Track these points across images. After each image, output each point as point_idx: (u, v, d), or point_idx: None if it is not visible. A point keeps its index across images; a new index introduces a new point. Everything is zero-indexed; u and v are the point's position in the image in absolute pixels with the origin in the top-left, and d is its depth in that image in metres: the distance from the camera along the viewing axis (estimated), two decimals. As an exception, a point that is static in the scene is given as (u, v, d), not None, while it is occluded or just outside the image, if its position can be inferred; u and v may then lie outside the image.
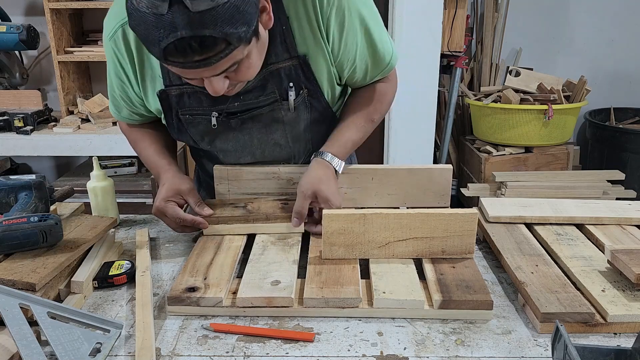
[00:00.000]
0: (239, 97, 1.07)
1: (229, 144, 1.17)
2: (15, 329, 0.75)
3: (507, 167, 3.03)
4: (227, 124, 1.13)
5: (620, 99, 3.47)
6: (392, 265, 0.96)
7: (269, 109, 1.11)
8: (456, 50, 2.95)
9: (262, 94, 1.08)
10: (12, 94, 2.70)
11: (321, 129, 1.21)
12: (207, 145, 1.18)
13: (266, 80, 1.07)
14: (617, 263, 0.90)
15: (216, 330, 0.83)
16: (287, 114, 1.12)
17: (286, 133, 1.17)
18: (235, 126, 1.14)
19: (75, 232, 1.04)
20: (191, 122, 1.13)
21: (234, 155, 1.20)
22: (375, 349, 0.79)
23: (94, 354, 0.76)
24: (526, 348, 0.79)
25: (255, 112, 1.11)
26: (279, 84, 1.08)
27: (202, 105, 1.10)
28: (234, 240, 1.07)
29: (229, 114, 1.11)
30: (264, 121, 1.14)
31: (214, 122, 1.10)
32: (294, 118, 1.14)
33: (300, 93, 1.10)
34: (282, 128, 1.15)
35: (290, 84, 1.08)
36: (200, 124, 1.13)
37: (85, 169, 2.82)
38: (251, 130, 1.15)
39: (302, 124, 1.16)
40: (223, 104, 1.08)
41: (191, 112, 1.11)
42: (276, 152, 1.20)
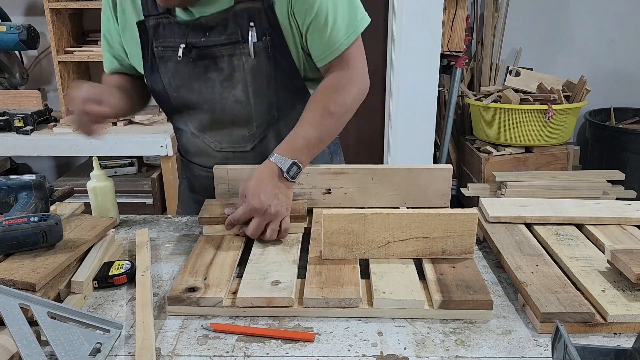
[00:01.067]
0: (205, 33, 1.11)
1: (192, 94, 1.18)
2: (15, 329, 0.75)
3: (507, 167, 3.03)
4: (191, 65, 1.14)
5: (620, 99, 3.47)
6: (392, 265, 0.96)
7: (230, 51, 1.11)
8: (456, 50, 2.95)
9: (224, 32, 1.10)
10: (12, 94, 2.70)
11: (289, 101, 1.19)
12: (174, 93, 1.19)
13: (229, 19, 1.09)
14: (617, 263, 0.90)
15: (216, 330, 0.83)
16: (248, 60, 1.11)
17: (247, 86, 1.15)
18: (202, 71, 1.15)
19: (75, 232, 1.04)
20: (162, 57, 1.16)
21: (197, 113, 1.21)
22: (375, 349, 0.79)
23: (94, 354, 0.76)
24: (526, 348, 0.79)
25: (217, 53, 1.12)
26: (241, 25, 1.09)
27: (173, 36, 1.13)
28: (234, 240, 1.07)
29: (193, 48, 1.12)
30: (226, 70, 1.14)
31: (179, 53, 1.12)
32: (255, 66, 1.12)
33: (262, 39, 1.09)
34: (243, 80, 1.14)
35: (251, 23, 1.08)
36: (169, 60, 1.15)
37: (85, 169, 2.82)
38: (214, 82, 1.16)
39: (264, 77, 1.14)
40: (191, 37, 1.12)
41: (164, 44, 1.14)
42: (236, 109, 1.18)
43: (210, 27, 1.10)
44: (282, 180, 1.07)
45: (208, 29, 1.10)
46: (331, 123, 1.14)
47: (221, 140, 1.25)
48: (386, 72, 2.98)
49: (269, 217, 1.03)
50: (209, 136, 1.25)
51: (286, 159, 1.07)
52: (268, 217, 1.03)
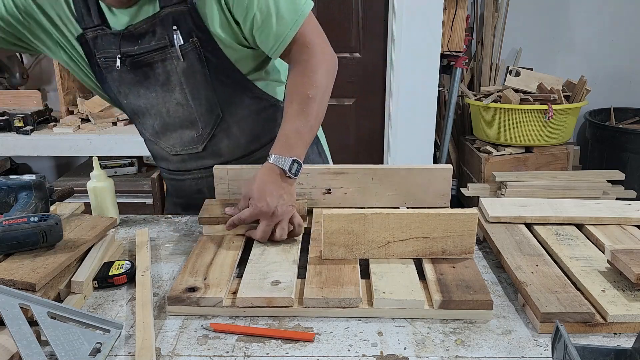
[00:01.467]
0: (137, 41, 1.12)
1: (140, 100, 1.20)
2: (15, 329, 0.75)
3: (507, 167, 3.03)
4: (131, 73, 1.16)
5: (620, 99, 3.47)
6: (392, 265, 0.96)
7: (161, 56, 1.12)
8: (456, 50, 2.95)
9: (153, 38, 1.11)
10: (12, 94, 2.70)
11: (231, 97, 1.19)
12: (124, 100, 1.21)
13: (157, 25, 1.10)
14: (617, 263, 0.90)
15: (216, 330, 0.83)
16: (179, 63, 1.12)
17: (183, 88, 1.16)
18: (142, 78, 1.16)
19: (75, 232, 1.04)
20: (106, 67, 1.17)
21: (147, 119, 1.24)
22: (375, 349, 0.79)
23: (94, 354, 0.76)
24: (526, 348, 0.79)
25: (150, 60, 1.13)
26: (167, 29, 1.10)
27: (111, 47, 1.14)
28: (234, 240, 1.07)
29: (129, 57, 1.13)
30: (162, 75, 1.15)
31: (118, 63, 1.14)
32: (187, 68, 1.13)
33: (189, 40, 1.10)
34: (179, 82, 1.15)
35: (174, 27, 1.09)
36: (113, 70, 1.16)
37: (85, 169, 2.82)
38: (155, 87, 1.17)
39: (198, 78, 1.15)
40: (125, 47, 1.13)
41: (104, 55, 1.15)
42: (179, 112, 1.20)
43: (140, 34, 1.12)
44: (285, 180, 1.07)
45: (139, 36, 1.12)
46: (314, 107, 1.11)
47: (174, 144, 1.27)
48: (386, 72, 2.98)
49: (277, 218, 1.03)
50: (163, 141, 1.28)
51: (285, 158, 1.06)
52: (276, 219, 1.04)
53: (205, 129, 1.23)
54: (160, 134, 1.27)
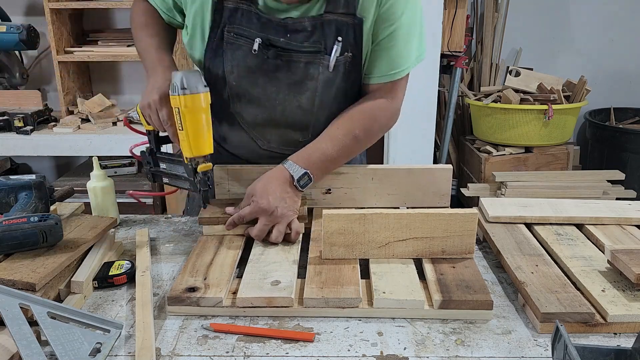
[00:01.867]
0: (286, 34, 1.07)
1: (255, 89, 1.13)
2: (15, 329, 0.75)
3: (507, 167, 3.03)
4: (263, 60, 1.09)
5: (620, 99, 3.47)
6: (392, 265, 0.96)
7: (308, 59, 1.08)
8: (456, 50, 2.95)
9: (308, 40, 1.07)
10: (12, 94, 2.70)
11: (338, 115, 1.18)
12: (234, 82, 1.13)
13: (317, 27, 1.06)
14: (617, 263, 0.90)
15: (216, 330, 0.83)
16: (324, 72, 1.09)
17: (315, 96, 1.12)
18: (270, 69, 1.10)
19: (75, 232, 1.04)
20: (232, 44, 1.10)
21: (252, 108, 1.16)
22: (375, 349, 0.79)
23: (94, 354, 0.76)
24: (526, 348, 0.79)
25: (295, 58, 1.08)
26: (327, 36, 1.07)
27: (250, 26, 1.08)
28: (234, 240, 1.07)
29: (271, 47, 1.08)
30: (298, 75, 1.10)
31: (255, 46, 1.07)
32: (329, 80, 1.10)
33: (344, 54, 1.08)
34: (314, 89, 1.11)
35: (339, 37, 1.06)
36: (240, 49, 1.10)
37: (85, 169, 2.82)
38: (281, 83, 1.12)
39: (334, 90, 1.12)
40: (270, 34, 1.07)
41: (237, 31, 1.09)
42: (297, 114, 1.15)
43: (295, 30, 1.07)
44: (292, 187, 1.07)
45: (292, 31, 1.07)
46: (352, 145, 1.13)
47: (271, 140, 1.22)
48: (386, 72, 2.98)
49: (275, 219, 1.03)
50: (259, 133, 1.21)
51: (299, 168, 1.07)
52: (274, 219, 1.03)
53: (312, 136, 1.17)
54: (259, 126, 1.19)
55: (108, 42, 2.75)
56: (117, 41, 2.75)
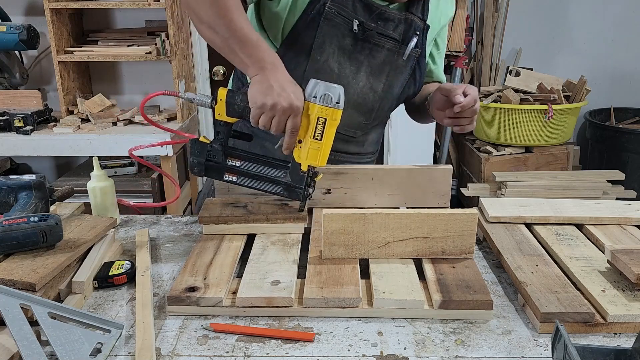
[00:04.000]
0: (378, 21, 1.18)
1: (335, 65, 1.19)
2: (15, 329, 0.75)
3: (507, 167, 3.03)
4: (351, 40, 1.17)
5: (620, 99, 3.47)
6: (392, 265, 0.96)
7: (390, 46, 1.21)
8: (456, 50, 2.95)
9: (393, 30, 1.20)
10: (12, 94, 2.70)
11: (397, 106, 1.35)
12: (319, 56, 1.17)
13: (402, 21, 1.20)
14: (617, 263, 0.90)
15: (216, 330, 0.83)
16: (399, 60, 1.22)
17: (387, 80, 1.24)
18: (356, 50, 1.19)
19: (75, 232, 1.04)
20: (330, 20, 1.14)
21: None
22: (375, 349, 0.79)
23: (94, 354, 0.76)
24: (526, 348, 0.79)
25: (381, 43, 1.20)
26: (407, 30, 1.21)
27: (349, 7, 1.15)
28: (234, 240, 1.07)
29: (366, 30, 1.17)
30: (378, 59, 1.21)
31: (355, 26, 1.16)
32: (401, 68, 1.24)
33: (415, 49, 1.23)
34: (387, 73, 1.23)
35: (417, 32, 1.21)
36: (337, 26, 1.15)
37: (85, 169, 2.82)
38: (361, 65, 1.21)
39: (401, 80, 1.26)
40: (366, 18, 1.17)
41: (339, 10, 1.14)
42: (367, 96, 1.24)
43: (387, 18, 1.19)
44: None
45: (384, 19, 1.18)
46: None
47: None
48: (386, 72, 2.98)
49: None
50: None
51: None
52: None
53: (373, 121, 1.30)
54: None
55: (108, 42, 2.75)
56: (117, 41, 2.75)
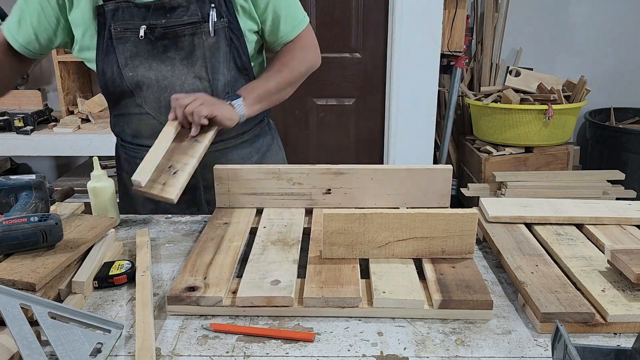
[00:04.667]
0: (165, 15, 1.20)
1: (151, 72, 1.23)
2: (16, 329, 0.75)
3: (507, 167, 3.03)
4: (152, 45, 1.21)
5: (620, 99, 3.47)
6: (392, 265, 0.96)
7: (191, 31, 1.21)
8: (456, 50, 2.95)
9: (185, 14, 1.20)
10: (12, 94, 2.70)
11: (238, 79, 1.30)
12: (130, 72, 1.23)
13: (190, 1, 1.20)
14: (617, 263, 0.90)
15: (216, 330, 0.83)
16: (208, 38, 1.21)
17: (206, 62, 1.23)
18: (160, 50, 1.22)
19: (75, 232, 1.04)
20: (120, 39, 1.21)
21: (153, 92, 1.25)
22: (375, 349, 0.79)
23: (94, 354, 0.76)
24: (526, 348, 0.79)
25: (179, 32, 1.20)
26: (201, 6, 1.20)
27: (133, 19, 1.20)
28: (233, 240, 1.07)
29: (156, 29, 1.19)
30: (186, 49, 1.22)
31: (141, 33, 1.20)
32: (214, 44, 1.22)
33: (221, 19, 1.21)
34: (203, 57, 1.23)
35: (212, 4, 1.20)
36: (128, 41, 1.21)
37: (85, 169, 2.82)
38: (174, 60, 1.23)
39: (221, 55, 1.24)
40: (152, 19, 1.20)
41: (123, 26, 1.20)
42: (197, 85, 1.25)
43: (172, 8, 1.19)
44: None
45: (169, 10, 1.19)
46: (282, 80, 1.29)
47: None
48: (386, 72, 2.98)
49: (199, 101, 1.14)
50: (165, 116, 1.24)
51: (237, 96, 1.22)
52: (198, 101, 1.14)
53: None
54: (164, 108, 1.26)
55: (108, 42, 2.75)
56: (117, 41, 2.74)
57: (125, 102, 1.30)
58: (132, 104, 1.29)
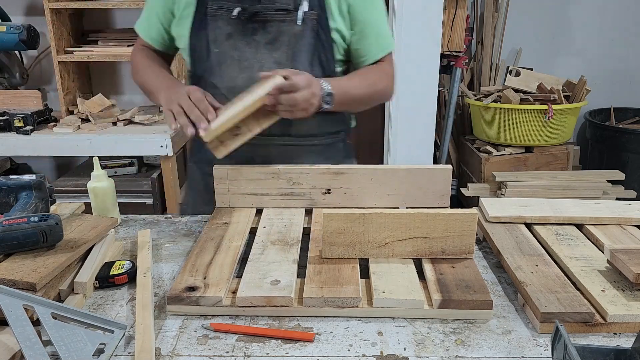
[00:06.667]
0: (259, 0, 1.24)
1: (235, 52, 1.26)
2: (18, 330, 0.75)
3: (507, 167, 3.03)
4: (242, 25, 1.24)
5: (620, 99, 3.47)
6: (391, 265, 0.96)
7: (280, 17, 1.24)
8: (456, 50, 2.95)
9: (279, 1, 1.23)
10: (12, 94, 2.70)
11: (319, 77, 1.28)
12: (216, 48, 1.26)
13: None
14: (617, 262, 0.91)
15: (216, 330, 0.83)
16: (295, 27, 1.23)
17: (289, 50, 1.25)
18: (248, 32, 1.25)
19: (76, 232, 1.04)
20: (214, 15, 1.25)
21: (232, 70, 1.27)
22: (375, 349, 0.79)
23: (97, 355, 0.76)
24: (526, 348, 0.79)
25: (269, 18, 1.24)
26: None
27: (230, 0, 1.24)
28: (233, 240, 1.07)
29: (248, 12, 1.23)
30: (272, 34, 1.25)
31: (234, 13, 1.23)
32: (300, 33, 1.24)
33: (311, 12, 1.23)
34: (287, 43, 1.25)
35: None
36: (221, 18, 1.25)
37: (86, 169, 2.82)
38: (258, 43, 1.25)
39: (305, 45, 1.25)
40: (246, 3, 1.24)
41: (219, 5, 1.25)
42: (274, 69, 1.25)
43: None
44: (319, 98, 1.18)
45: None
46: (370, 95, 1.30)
47: None
48: (386, 72, 2.98)
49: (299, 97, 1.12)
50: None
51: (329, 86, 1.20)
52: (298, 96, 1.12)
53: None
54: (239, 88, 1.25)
55: (108, 42, 2.75)
56: (117, 41, 2.75)
57: (203, 83, 1.29)
58: (209, 85, 1.29)
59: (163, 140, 2.46)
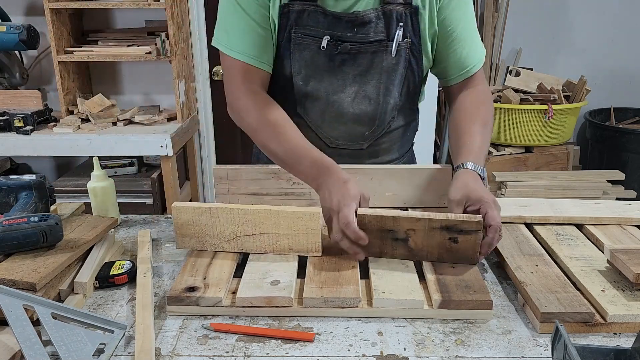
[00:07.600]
0: (353, 28, 1.13)
1: (322, 85, 1.17)
2: (18, 330, 0.75)
3: (507, 167, 3.03)
4: (330, 57, 1.14)
5: (620, 99, 3.47)
6: (391, 265, 0.96)
7: (373, 48, 1.14)
8: (456, 50, 2.95)
9: (373, 30, 1.13)
10: (12, 94, 2.70)
11: (406, 104, 1.24)
12: (301, 82, 1.17)
13: (380, 18, 1.13)
14: (617, 262, 0.91)
15: (216, 330, 0.83)
16: (388, 58, 1.15)
17: (381, 83, 1.17)
18: (336, 64, 1.15)
19: (76, 232, 1.04)
20: (300, 44, 1.14)
21: (320, 105, 1.18)
22: (375, 349, 0.79)
23: (97, 355, 0.76)
24: (526, 348, 0.79)
25: (363, 49, 1.14)
26: (389, 25, 1.13)
27: (318, 26, 1.13)
28: (234, 240, 1.07)
29: (340, 42, 1.13)
30: (364, 65, 1.16)
31: (323, 44, 1.13)
32: (392, 65, 1.16)
33: (405, 40, 1.15)
34: (379, 76, 1.17)
35: (400, 24, 1.13)
36: (307, 48, 1.14)
37: (86, 169, 2.82)
38: (347, 75, 1.17)
39: (397, 77, 1.18)
40: (338, 30, 1.13)
41: (305, 32, 1.13)
42: (364, 105, 1.19)
43: (363, 23, 1.13)
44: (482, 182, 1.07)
45: (359, 25, 1.13)
46: (488, 132, 1.17)
47: (338, 137, 1.24)
48: (386, 72, 2.98)
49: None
50: (326, 131, 1.23)
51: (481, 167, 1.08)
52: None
53: (378, 128, 1.23)
54: (326, 123, 1.21)
55: (108, 42, 2.75)
56: (117, 41, 2.75)
57: (286, 107, 1.16)
58: (292, 111, 1.19)
59: (163, 140, 2.46)
